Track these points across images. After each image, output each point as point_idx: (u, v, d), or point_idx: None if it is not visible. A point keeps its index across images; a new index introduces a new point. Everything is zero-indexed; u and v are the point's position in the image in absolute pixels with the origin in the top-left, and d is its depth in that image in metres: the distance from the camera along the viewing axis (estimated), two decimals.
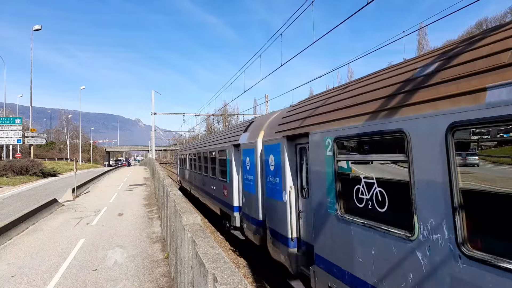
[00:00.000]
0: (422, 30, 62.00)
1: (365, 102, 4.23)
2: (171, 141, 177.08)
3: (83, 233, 11.33)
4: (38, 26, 37.77)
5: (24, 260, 8.65)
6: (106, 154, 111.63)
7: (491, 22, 58.72)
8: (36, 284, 7.06)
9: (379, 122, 3.78)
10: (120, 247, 9.58)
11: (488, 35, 3.04)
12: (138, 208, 16.39)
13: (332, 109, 5.06)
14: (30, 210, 13.53)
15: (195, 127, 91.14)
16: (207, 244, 3.73)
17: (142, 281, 7.05)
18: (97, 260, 8.47)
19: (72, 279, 7.27)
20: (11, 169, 32.10)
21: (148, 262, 8.28)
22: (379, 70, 4.83)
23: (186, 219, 5.11)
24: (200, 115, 50.82)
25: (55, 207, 16.53)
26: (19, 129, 38.52)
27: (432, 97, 3.09)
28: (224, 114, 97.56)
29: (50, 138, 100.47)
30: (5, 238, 10.66)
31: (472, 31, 57.32)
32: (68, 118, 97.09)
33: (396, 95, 3.70)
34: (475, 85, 2.69)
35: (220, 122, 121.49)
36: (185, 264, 4.74)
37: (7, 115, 54.51)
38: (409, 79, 3.61)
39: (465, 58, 3.00)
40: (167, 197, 8.99)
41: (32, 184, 29.66)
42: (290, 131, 6.35)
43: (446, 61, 3.23)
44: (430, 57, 3.61)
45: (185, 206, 6.33)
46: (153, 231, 11.42)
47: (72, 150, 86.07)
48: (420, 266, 3.13)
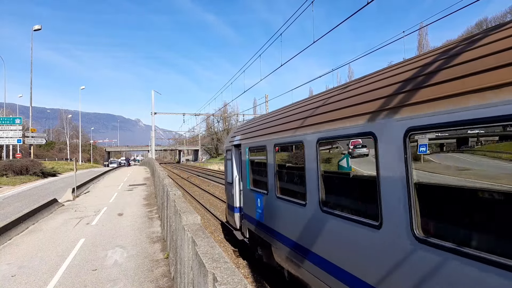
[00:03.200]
0: (423, 30, 62.03)
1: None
2: (171, 141, 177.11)
3: (83, 233, 11.33)
4: (38, 26, 37.78)
5: (24, 260, 8.65)
6: (106, 154, 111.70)
7: (491, 22, 58.76)
8: (36, 284, 7.06)
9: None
10: (120, 247, 9.58)
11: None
12: (138, 208, 16.39)
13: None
14: (30, 210, 13.53)
15: (195, 127, 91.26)
16: (207, 244, 3.73)
17: (142, 281, 7.04)
18: (97, 260, 8.46)
19: (72, 279, 7.27)
20: (11, 169, 32.10)
21: (148, 262, 8.28)
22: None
23: (186, 219, 5.11)
24: (200, 115, 50.82)
25: (55, 207, 16.53)
26: (19, 129, 38.53)
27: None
28: (224, 114, 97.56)
29: (50, 138, 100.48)
30: (5, 238, 10.66)
31: (472, 30, 57.33)
32: (68, 118, 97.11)
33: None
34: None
35: (220, 122, 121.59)
36: (185, 264, 4.74)
37: (7, 115, 54.52)
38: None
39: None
40: (167, 197, 8.99)
41: (32, 184, 29.66)
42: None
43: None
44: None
45: (185, 206, 6.33)
46: (153, 231, 11.42)
47: (72, 150, 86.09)
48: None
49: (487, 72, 2.67)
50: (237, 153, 10.03)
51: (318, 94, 6.30)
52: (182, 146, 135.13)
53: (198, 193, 26.05)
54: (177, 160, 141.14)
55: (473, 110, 2.62)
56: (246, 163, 8.73)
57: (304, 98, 7.25)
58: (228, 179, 10.92)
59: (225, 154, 11.33)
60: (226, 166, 11.35)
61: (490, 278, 2.46)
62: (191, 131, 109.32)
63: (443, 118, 2.92)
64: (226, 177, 11.40)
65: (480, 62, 2.81)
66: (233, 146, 10.15)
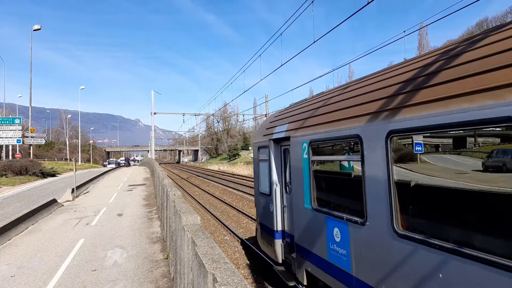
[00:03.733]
0: (423, 30, 62.07)
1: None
2: (170, 141, 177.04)
3: (82, 234, 11.30)
4: (38, 26, 37.72)
5: (24, 261, 8.63)
6: (105, 154, 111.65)
7: (492, 22, 58.77)
8: (36, 285, 7.04)
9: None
10: (120, 248, 9.56)
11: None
12: (137, 208, 16.37)
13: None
14: (30, 211, 13.50)
15: (195, 127, 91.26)
16: (207, 244, 3.71)
17: (141, 282, 7.03)
18: (96, 261, 8.45)
19: (71, 279, 7.25)
20: (10, 169, 32.06)
21: (147, 262, 8.26)
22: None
23: (185, 219, 5.09)
24: (200, 115, 50.84)
25: (55, 208, 16.51)
26: (19, 129, 38.48)
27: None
28: (224, 114, 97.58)
29: (50, 138, 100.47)
30: (5, 238, 10.64)
31: (473, 30, 57.34)
32: (67, 118, 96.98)
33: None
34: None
35: (220, 122, 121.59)
36: (185, 264, 4.72)
37: (6, 115, 54.49)
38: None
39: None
40: (167, 197, 8.97)
41: (32, 184, 29.63)
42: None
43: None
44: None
45: (185, 206, 6.32)
46: (153, 232, 11.40)
47: (72, 150, 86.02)
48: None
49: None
50: (278, 150, 7.27)
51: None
52: (182, 146, 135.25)
53: (198, 193, 26.03)
54: (177, 160, 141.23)
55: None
56: (303, 167, 5.77)
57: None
58: (261, 187, 8.09)
59: (256, 152, 8.41)
60: (257, 170, 8.43)
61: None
62: (191, 131, 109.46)
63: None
64: (256, 184, 8.50)
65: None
66: (272, 141, 7.30)
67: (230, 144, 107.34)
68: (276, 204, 7.12)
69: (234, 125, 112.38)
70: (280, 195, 7.11)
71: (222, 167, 66.19)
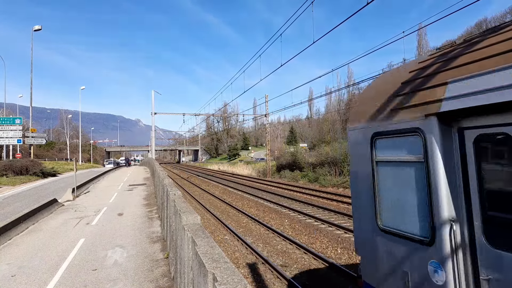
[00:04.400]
0: (422, 30, 62.02)
1: None
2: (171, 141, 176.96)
3: (83, 233, 11.33)
4: (38, 26, 37.73)
5: (24, 260, 8.65)
6: (106, 154, 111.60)
7: (491, 22, 58.71)
8: (36, 284, 7.06)
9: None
10: (120, 247, 9.58)
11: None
12: (138, 208, 16.39)
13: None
14: (30, 210, 13.52)
15: (195, 127, 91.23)
16: (207, 244, 3.73)
17: (142, 281, 7.05)
18: (97, 260, 8.47)
19: (72, 279, 7.27)
20: (11, 169, 32.07)
21: (148, 262, 8.28)
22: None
23: (186, 219, 5.11)
24: (200, 115, 50.82)
25: (55, 207, 16.53)
26: (19, 129, 38.49)
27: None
28: (224, 114, 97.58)
29: (50, 138, 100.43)
30: (5, 238, 10.66)
31: (472, 31, 57.28)
32: (68, 118, 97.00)
33: None
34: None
35: (220, 122, 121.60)
36: (185, 264, 4.74)
37: (7, 115, 54.50)
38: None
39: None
40: (167, 197, 8.99)
41: (32, 184, 29.65)
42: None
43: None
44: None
45: (185, 206, 6.33)
46: (153, 231, 11.42)
47: (72, 150, 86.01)
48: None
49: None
50: (452, 140, 2.92)
51: None
52: (182, 146, 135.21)
53: (198, 193, 26.06)
54: (177, 160, 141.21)
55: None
56: None
57: None
58: (387, 222, 3.58)
59: (365, 146, 3.85)
60: (368, 181, 3.82)
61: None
62: (191, 131, 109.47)
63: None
64: (367, 211, 3.85)
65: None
66: (436, 119, 2.91)
67: (230, 144, 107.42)
68: (455, 272, 2.80)
69: (234, 125, 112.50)
70: (463, 247, 2.85)
71: (222, 167, 66.26)
